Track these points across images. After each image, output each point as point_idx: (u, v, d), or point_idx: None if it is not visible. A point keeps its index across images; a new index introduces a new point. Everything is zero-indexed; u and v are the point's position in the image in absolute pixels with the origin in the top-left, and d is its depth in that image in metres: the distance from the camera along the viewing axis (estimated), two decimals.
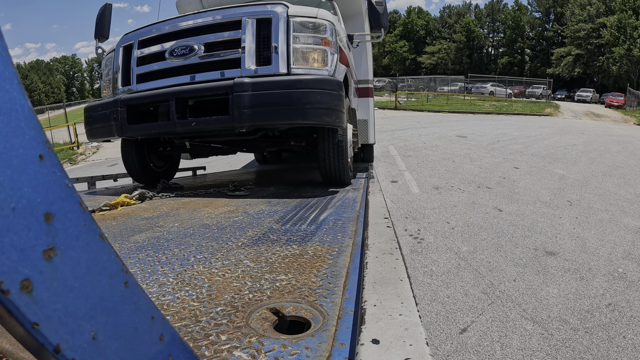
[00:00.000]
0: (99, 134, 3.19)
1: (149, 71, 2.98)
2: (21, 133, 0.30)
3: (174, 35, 2.91)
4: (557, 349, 2.76)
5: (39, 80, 67.78)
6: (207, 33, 2.81)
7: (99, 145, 15.91)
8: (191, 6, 4.87)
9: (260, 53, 2.72)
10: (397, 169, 8.33)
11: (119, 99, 2.93)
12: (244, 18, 2.73)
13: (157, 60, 2.95)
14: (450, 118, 20.46)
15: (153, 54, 2.98)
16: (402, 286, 0.84)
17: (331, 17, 2.90)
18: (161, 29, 2.97)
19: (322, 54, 2.75)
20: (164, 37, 2.96)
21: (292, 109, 2.54)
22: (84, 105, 6.92)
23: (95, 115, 3.15)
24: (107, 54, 3.38)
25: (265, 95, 2.53)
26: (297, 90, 2.53)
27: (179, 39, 2.88)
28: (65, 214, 0.32)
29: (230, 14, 2.79)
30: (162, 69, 2.93)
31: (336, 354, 0.69)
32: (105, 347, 0.35)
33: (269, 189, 3.18)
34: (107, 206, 2.42)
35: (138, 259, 1.30)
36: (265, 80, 2.58)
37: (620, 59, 38.40)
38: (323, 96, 2.59)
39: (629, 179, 7.87)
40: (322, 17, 2.80)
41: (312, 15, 2.77)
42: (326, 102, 2.60)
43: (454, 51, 60.68)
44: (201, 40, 2.80)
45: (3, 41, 0.29)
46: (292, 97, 2.52)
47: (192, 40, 2.82)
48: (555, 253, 4.34)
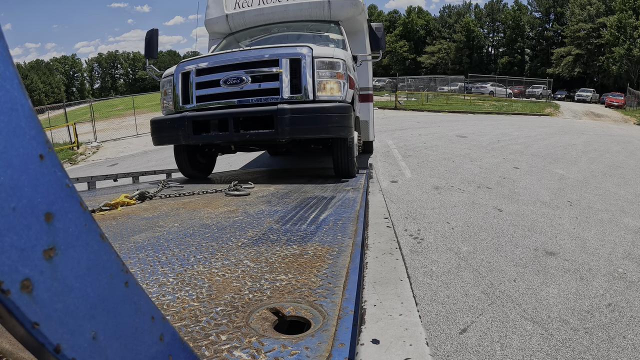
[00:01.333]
0: (165, 141, 4.12)
1: (206, 94, 3.87)
2: (22, 133, 0.30)
3: (226, 67, 3.78)
4: (557, 349, 2.76)
5: (39, 80, 67.77)
6: (253, 67, 3.70)
7: (99, 145, 15.92)
8: (218, 26, 5.84)
9: (293, 83, 3.65)
10: (397, 169, 8.33)
11: (186, 116, 3.80)
12: (281, 58, 3.63)
13: (213, 87, 3.82)
14: (450, 118, 20.47)
15: (210, 81, 3.85)
16: (402, 286, 0.84)
17: (343, 55, 3.85)
18: (216, 62, 3.85)
19: (337, 84, 3.71)
20: (217, 68, 3.82)
21: (319, 127, 3.54)
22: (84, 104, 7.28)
23: (163, 126, 4.02)
24: (166, 77, 4.21)
25: (300, 117, 3.50)
26: (322, 114, 3.51)
27: (231, 71, 3.75)
28: (65, 214, 0.32)
29: (271, 54, 3.68)
30: (217, 93, 3.82)
31: (336, 354, 0.69)
32: (105, 347, 0.35)
33: (269, 189, 3.18)
34: (107, 206, 2.42)
35: (138, 259, 1.30)
36: (299, 107, 3.53)
37: (620, 59, 38.40)
38: (339, 118, 3.57)
39: (629, 179, 7.87)
40: (337, 57, 3.74)
41: (330, 55, 3.72)
42: (340, 122, 3.57)
43: (454, 51, 60.68)
44: (248, 72, 3.71)
45: (3, 41, 0.29)
46: (319, 119, 3.51)
47: (241, 72, 3.71)
48: (555, 253, 4.34)
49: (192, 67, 3.90)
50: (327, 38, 5.14)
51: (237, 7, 5.70)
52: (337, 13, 5.48)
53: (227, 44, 5.43)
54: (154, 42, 5.09)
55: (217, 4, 5.80)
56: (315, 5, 5.43)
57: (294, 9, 5.53)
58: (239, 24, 5.72)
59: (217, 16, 5.78)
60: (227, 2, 5.75)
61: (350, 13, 5.58)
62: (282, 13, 5.58)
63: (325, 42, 4.94)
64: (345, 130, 3.64)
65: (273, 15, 5.60)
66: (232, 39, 5.56)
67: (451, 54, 60.90)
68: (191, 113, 3.82)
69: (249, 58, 3.72)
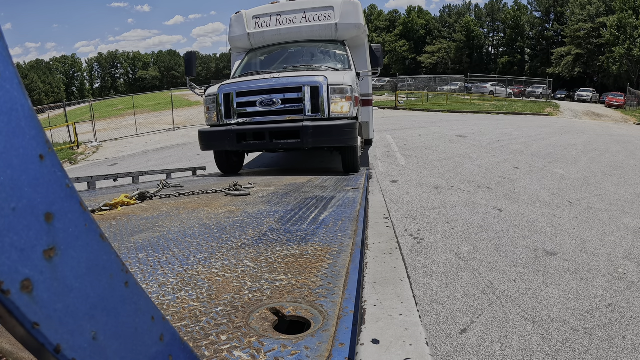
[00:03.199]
0: (213, 148, 5.32)
1: (246, 112, 5.02)
2: (22, 133, 0.30)
3: (261, 92, 4.93)
4: (557, 349, 2.76)
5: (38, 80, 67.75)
6: (283, 93, 4.87)
7: (99, 145, 15.91)
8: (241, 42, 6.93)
9: (313, 104, 4.79)
10: (397, 169, 8.33)
11: (230, 129, 4.92)
12: (304, 85, 4.79)
13: (251, 106, 4.98)
14: (450, 118, 20.46)
15: (248, 102, 4.99)
16: (402, 286, 0.84)
17: (350, 80, 4.95)
18: (253, 87, 5.01)
19: (346, 105, 4.84)
20: (254, 92, 4.97)
21: (333, 139, 4.76)
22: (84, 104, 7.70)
23: (211, 137, 5.14)
24: (209, 96, 5.29)
25: (319, 132, 4.67)
26: (335, 129, 4.70)
27: (265, 95, 4.90)
28: (65, 214, 0.32)
29: (296, 82, 4.84)
30: (255, 112, 4.98)
31: (336, 354, 0.69)
32: (105, 347, 0.35)
33: (269, 189, 3.18)
34: (107, 206, 2.42)
35: (138, 259, 1.30)
36: (318, 124, 4.69)
37: (620, 59, 38.39)
38: (347, 132, 4.74)
39: (629, 179, 7.87)
40: (346, 84, 4.83)
41: (340, 83, 4.82)
42: (348, 134, 4.75)
43: (454, 51, 60.66)
44: (279, 96, 4.87)
45: (3, 41, 0.29)
46: (332, 133, 4.70)
47: (273, 96, 4.88)
48: (555, 253, 4.34)
49: (233, 90, 5.06)
50: (334, 54, 6.30)
51: (257, 27, 6.74)
52: (342, 34, 6.55)
53: (250, 59, 6.58)
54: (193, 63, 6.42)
55: (240, 24, 6.79)
56: (324, 27, 6.54)
57: (306, 30, 6.58)
58: (258, 41, 6.78)
59: (240, 34, 6.80)
60: (249, 22, 6.76)
61: (354, 33, 6.65)
62: (296, 33, 6.61)
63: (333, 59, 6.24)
64: (352, 140, 4.84)
65: (289, 35, 6.63)
66: (253, 54, 6.67)
67: (451, 54, 60.88)
68: (235, 127, 4.95)
69: (279, 85, 4.90)
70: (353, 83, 5.07)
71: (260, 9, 6.88)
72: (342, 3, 6.54)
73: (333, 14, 6.58)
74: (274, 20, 6.68)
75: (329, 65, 5.93)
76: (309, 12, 6.65)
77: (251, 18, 6.79)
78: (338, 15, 6.52)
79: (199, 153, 10.46)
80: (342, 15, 6.52)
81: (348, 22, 6.52)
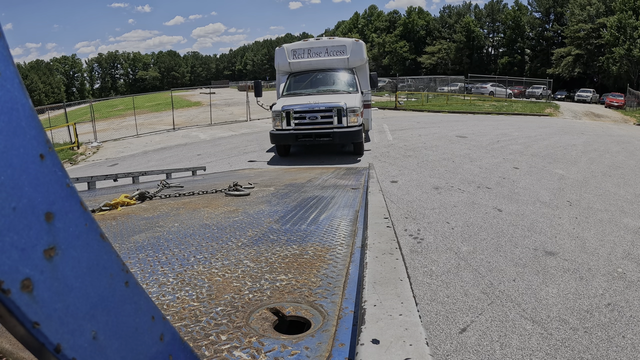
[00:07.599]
0: (281, 142, 9.50)
1: (299, 122, 9.10)
2: (22, 132, 0.30)
3: (308, 111, 9.05)
4: (557, 348, 2.76)
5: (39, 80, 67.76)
6: (321, 112, 8.99)
7: (99, 145, 15.91)
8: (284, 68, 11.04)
9: (338, 118, 8.96)
10: (397, 169, 8.33)
11: (291, 133, 9.17)
12: (333, 107, 8.96)
13: (302, 119, 9.08)
14: (450, 118, 20.46)
15: (301, 116, 9.07)
16: (402, 286, 0.84)
17: (359, 103, 9.31)
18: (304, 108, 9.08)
19: (356, 118, 9.05)
20: (304, 111, 9.06)
21: (350, 137, 9.22)
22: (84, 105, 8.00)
23: (280, 136, 9.33)
24: (275, 112, 9.34)
25: (343, 135, 9.08)
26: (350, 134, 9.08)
27: (310, 113, 9.03)
28: (66, 214, 0.32)
29: (328, 106, 8.99)
30: (305, 122, 9.09)
31: (336, 354, 0.69)
32: (105, 346, 0.35)
33: (269, 189, 3.18)
34: (107, 206, 2.41)
35: (138, 259, 1.30)
36: (342, 130, 8.99)
37: (620, 59, 38.40)
38: (357, 134, 9.12)
39: (628, 179, 7.88)
40: (356, 106, 9.03)
41: (353, 106, 9.01)
42: (358, 135, 9.16)
43: (454, 51, 60.68)
44: (319, 114, 9.00)
45: (4, 40, 0.29)
46: (349, 136, 9.16)
47: (315, 114, 9.00)
48: (555, 253, 4.34)
49: (291, 109, 9.08)
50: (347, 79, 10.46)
51: (295, 58, 10.80)
52: (352, 64, 10.68)
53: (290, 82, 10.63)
54: (259, 87, 11.39)
55: (283, 55, 10.84)
56: (340, 60, 10.62)
57: (329, 61, 10.66)
58: (296, 68, 10.82)
59: (284, 63, 10.86)
60: (289, 54, 10.80)
61: (360, 64, 10.88)
62: (322, 63, 10.67)
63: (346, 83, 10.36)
64: (359, 138, 9.25)
65: (317, 64, 10.69)
66: (293, 78, 10.72)
67: (451, 54, 60.90)
68: (294, 131, 9.13)
69: (319, 107, 8.98)
70: (360, 104, 9.34)
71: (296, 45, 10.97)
72: (352, 43, 10.67)
73: (346, 50, 10.55)
74: (306, 53, 10.72)
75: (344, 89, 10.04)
76: (329, 49, 10.62)
77: (290, 51, 10.80)
78: (349, 51, 10.55)
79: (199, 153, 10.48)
80: (351, 52, 10.56)
81: (356, 57, 10.61)
